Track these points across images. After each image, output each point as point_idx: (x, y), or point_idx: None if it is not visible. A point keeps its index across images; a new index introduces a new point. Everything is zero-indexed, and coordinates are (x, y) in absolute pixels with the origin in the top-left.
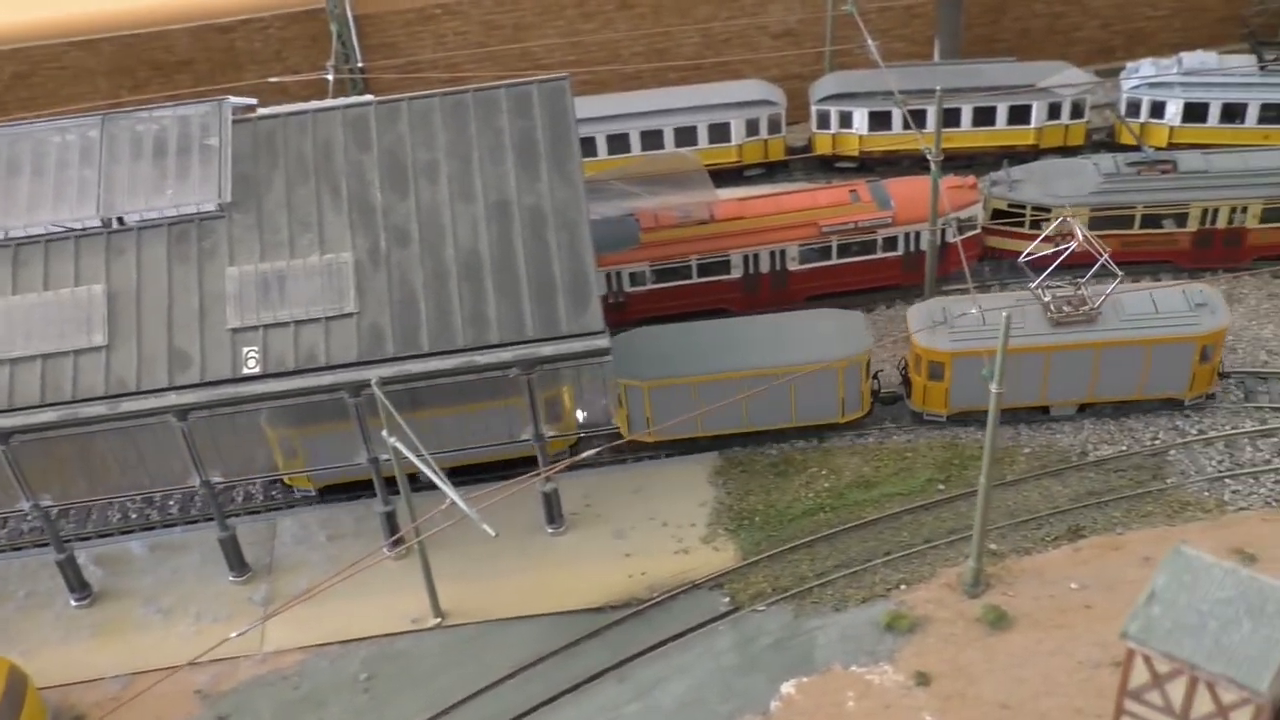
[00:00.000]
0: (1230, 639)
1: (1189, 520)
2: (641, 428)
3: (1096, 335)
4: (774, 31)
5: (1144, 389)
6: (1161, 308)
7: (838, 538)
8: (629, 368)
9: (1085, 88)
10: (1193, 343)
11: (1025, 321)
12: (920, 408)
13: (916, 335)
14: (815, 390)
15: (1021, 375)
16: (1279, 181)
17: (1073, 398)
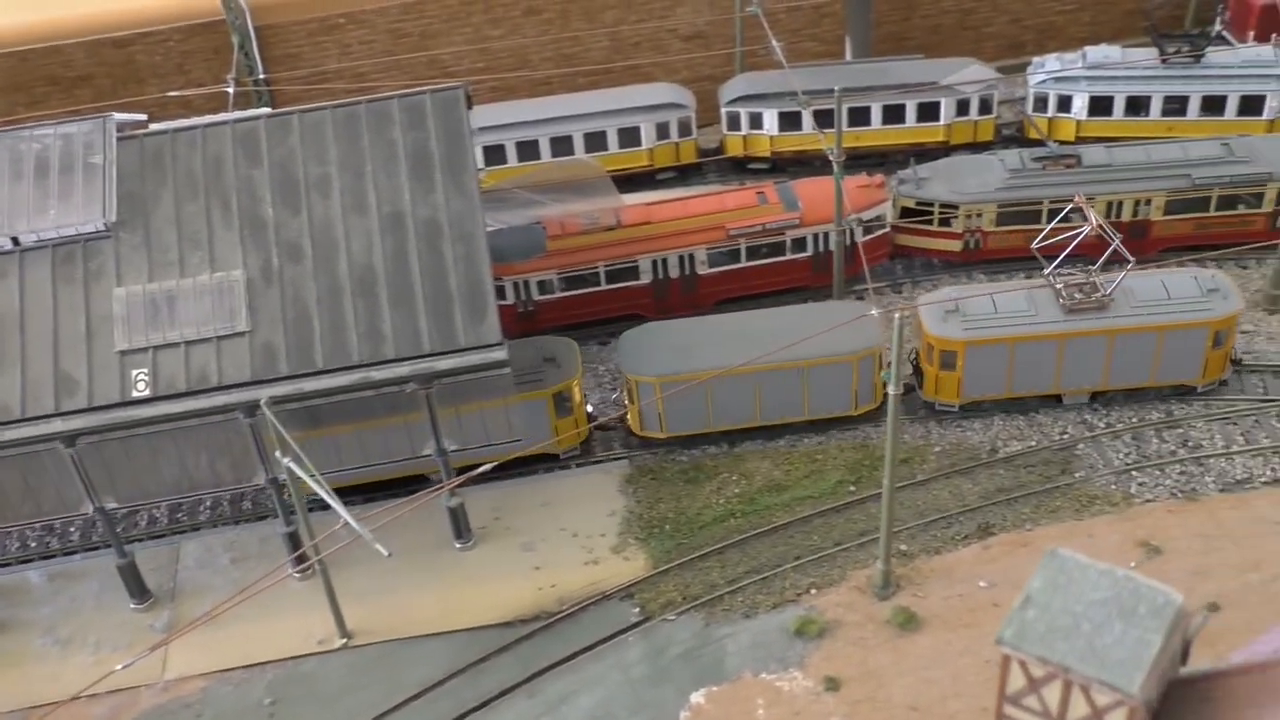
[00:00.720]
0: (1103, 641)
1: (1096, 514)
2: (654, 424)
3: (1109, 322)
4: (683, 34)
5: (1157, 375)
6: (1173, 293)
7: (749, 543)
8: (639, 363)
9: (987, 84)
10: (1205, 328)
11: (1038, 309)
12: (932, 398)
13: (927, 325)
14: (828, 383)
15: (1035, 363)
16: (1180, 174)
17: (1086, 385)
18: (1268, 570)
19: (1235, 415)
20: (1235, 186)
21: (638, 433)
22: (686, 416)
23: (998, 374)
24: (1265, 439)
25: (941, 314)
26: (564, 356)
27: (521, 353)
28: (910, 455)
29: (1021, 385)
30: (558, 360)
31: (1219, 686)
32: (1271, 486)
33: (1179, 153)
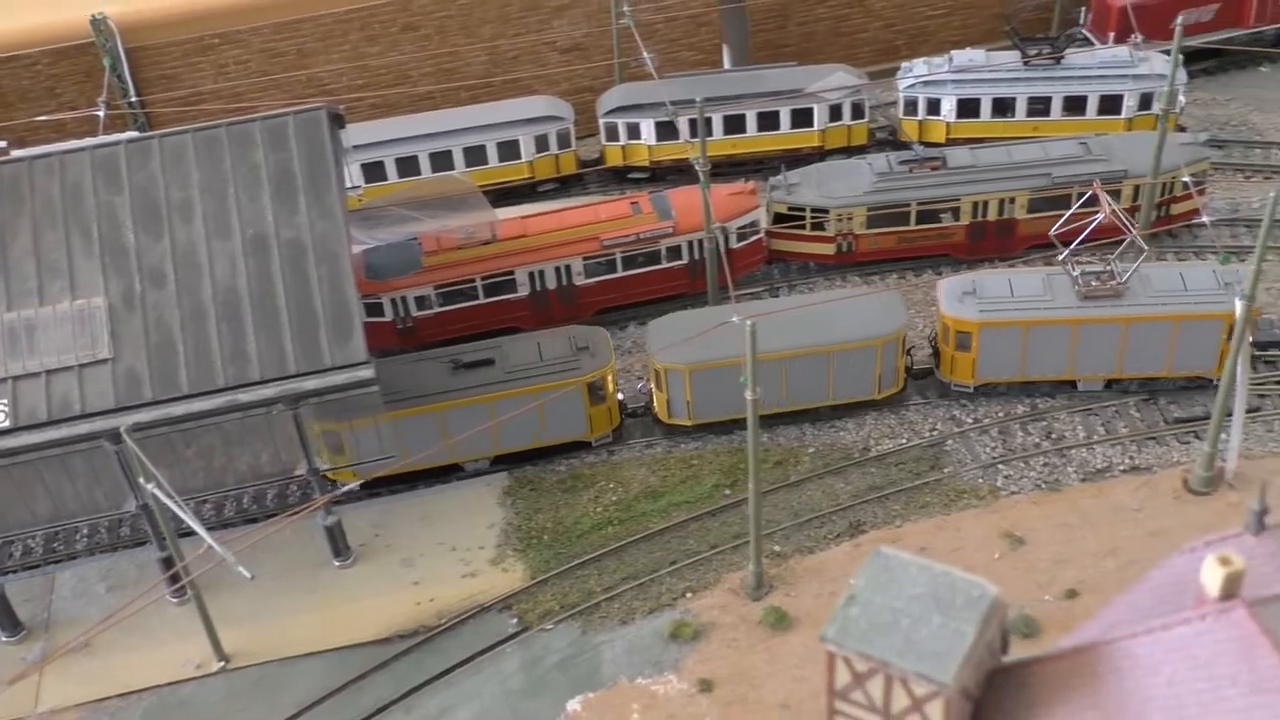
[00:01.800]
0: (920, 634)
1: (964, 508)
2: (681, 412)
3: (1124, 310)
4: (561, 47)
5: (1172, 366)
6: (1190, 285)
7: (625, 550)
8: (668, 351)
9: (851, 90)
10: (1221, 320)
11: (1054, 295)
12: (948, 378)
13: (944, 305)
14: (854, 368)
15: (1049, 348)
16: (1041, 173)
17: (1100, 372)
18: (1123, 556)
19: (1097, 406)
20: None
21: (665, 420)
22: (714, 404)
23: (1012, 357)
24: (1124, 428)
25: (959, 295)
26: (597, 345)
27: (554, 341)
28: (785, 457)
29: (1035, 369)
30: (591, 349)
31: (1036, 673)
32: (1129, 474)
33: (1039, 153)
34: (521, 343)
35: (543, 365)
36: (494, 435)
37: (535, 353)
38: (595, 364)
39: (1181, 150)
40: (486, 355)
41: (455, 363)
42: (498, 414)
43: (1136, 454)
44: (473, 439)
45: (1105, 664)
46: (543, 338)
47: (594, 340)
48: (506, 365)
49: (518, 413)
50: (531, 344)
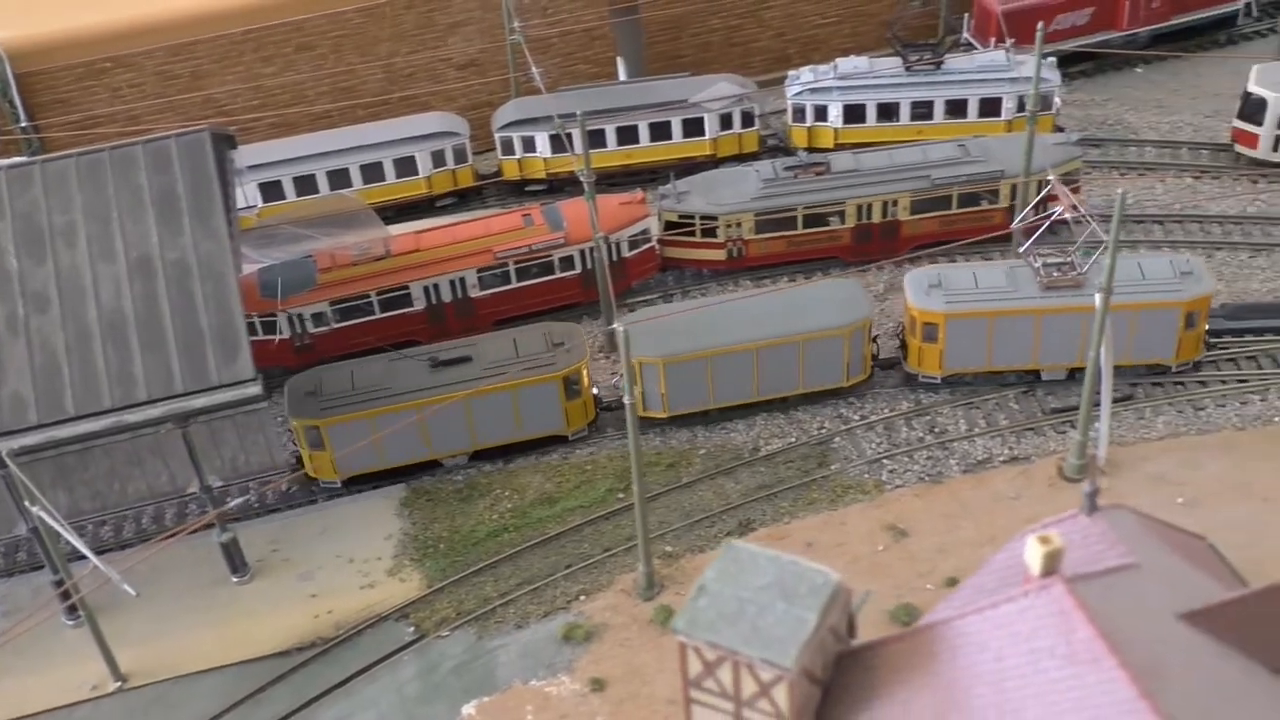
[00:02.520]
0: (765, 622)
1: (850, 503)
2: (656, 404)
3: (1085, 299)
4: (458, 63)
5: (1132, 354)
6: (1148, 274)
7: (521, 556)
8: (643, 346)
9: (734, 99)
10: (1178, 308)
11: (1017, 286)
12: (916, 369)
13: (911, 297)
14: (822, 356)
15: (1014, 338)
16: (922, 176)
17: (1063, 361)
18: (1001, 543)
19: (978, 400)
20: (972, 185)
21: (640, 414)
22: (688, 395)
23: (978, 347)
24: (1004, 420)
25: (925, 287)
26: (571, 341)
27: (530, 338)
28: (677, 459)
29: (1001, 359)
30: (566, 345)
31: (879, 654)
32: (1008, 464)
33: (920, 155)
34: (498, 340)
35: (519, 361)
36: (471, 431)
37: (511, 349)
38: (570, 359)
39: (1055, 150)
40: (463, 353)
41: (433, 360)
42: (475, 410)
43: (1015, 445)
44: (451, 435)
45: (940, 643)
46: (518, 334)
47: (569, 336)
48: (483, 362)
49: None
50: (507, 341)
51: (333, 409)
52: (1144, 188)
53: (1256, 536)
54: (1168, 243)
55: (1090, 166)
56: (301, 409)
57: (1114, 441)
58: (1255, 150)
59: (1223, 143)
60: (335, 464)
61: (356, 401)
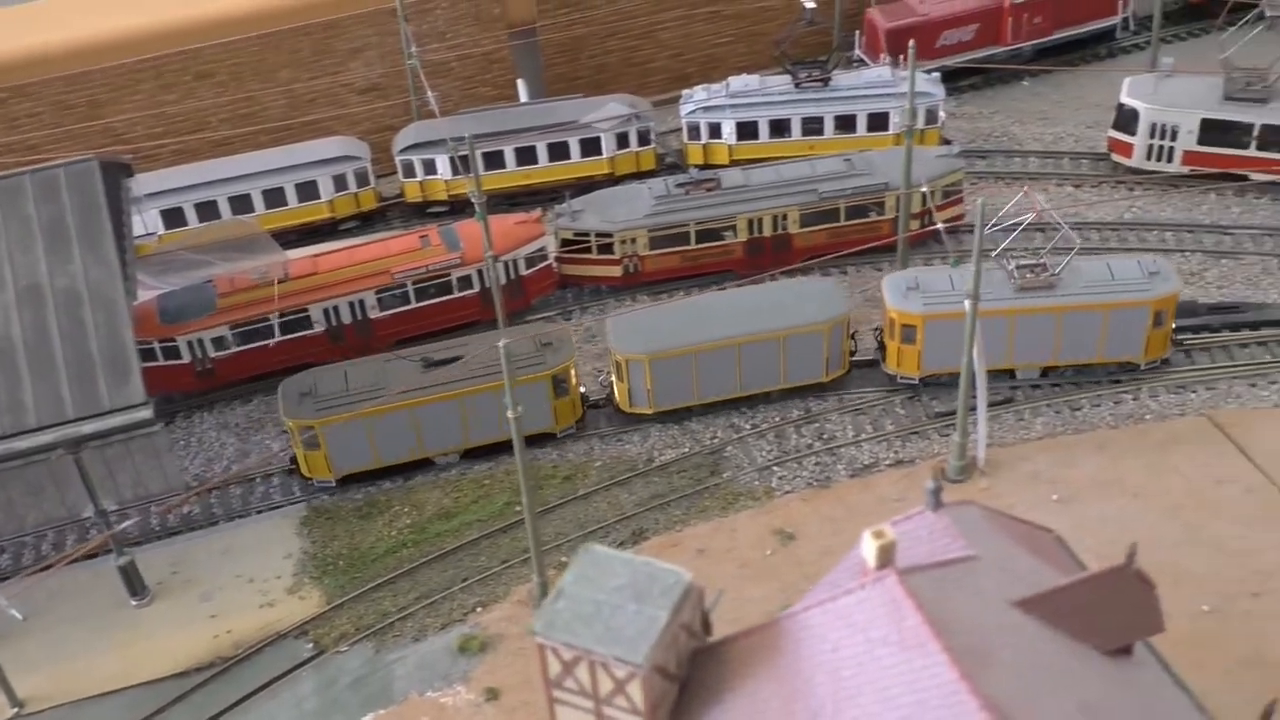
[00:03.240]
0: (618, 621)
1: (740, 509)
2: (642, 400)
3: (1057, 300)
4: (359, 88)
5: (1102, 352)
6: (1117, 275)
7: (419, 570)
8: (629, 343)
9: (621, 120)
10: (1146, 307)
11: (992, 288)
12: (894, 370)
13: (889, 300)
14: (803, 352)
15: (990, 339)
16: (810, 190)
17: (1037, 360)
18: None
19: (865, 406)
20: (857, 197)
21: (626, 409)
22: (673, 391)
23: (955, 348)
24: (890, 425)
25: (903, 290)
26: (559, 341)
27: (519, 340)
28: (573, 472)
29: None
30: (554, 345)
31: (731, 649)
32: (894, 468)
33: (807, 170)
34: (487, 341)
35: (509, 360)
36: (463, 429)
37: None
38: (558, 359)
39: (938, 162)
40: (455, 353)
41: (426, 360)
42: (467, 409)
43: (901, 448)
44: (443, 434)
45: (785, 636)
46: (508, 335)
47: (557, 337)
48: (475, 362)
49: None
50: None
51: (328, 409)
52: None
53: (1125, 531)
54: (1047, 250)
55: (977, 177)
56: (297, 410)
57: (994, 443)
58: (1130, 159)
59: (1101, 152)
60: (330, 463)
61: (351, 401)
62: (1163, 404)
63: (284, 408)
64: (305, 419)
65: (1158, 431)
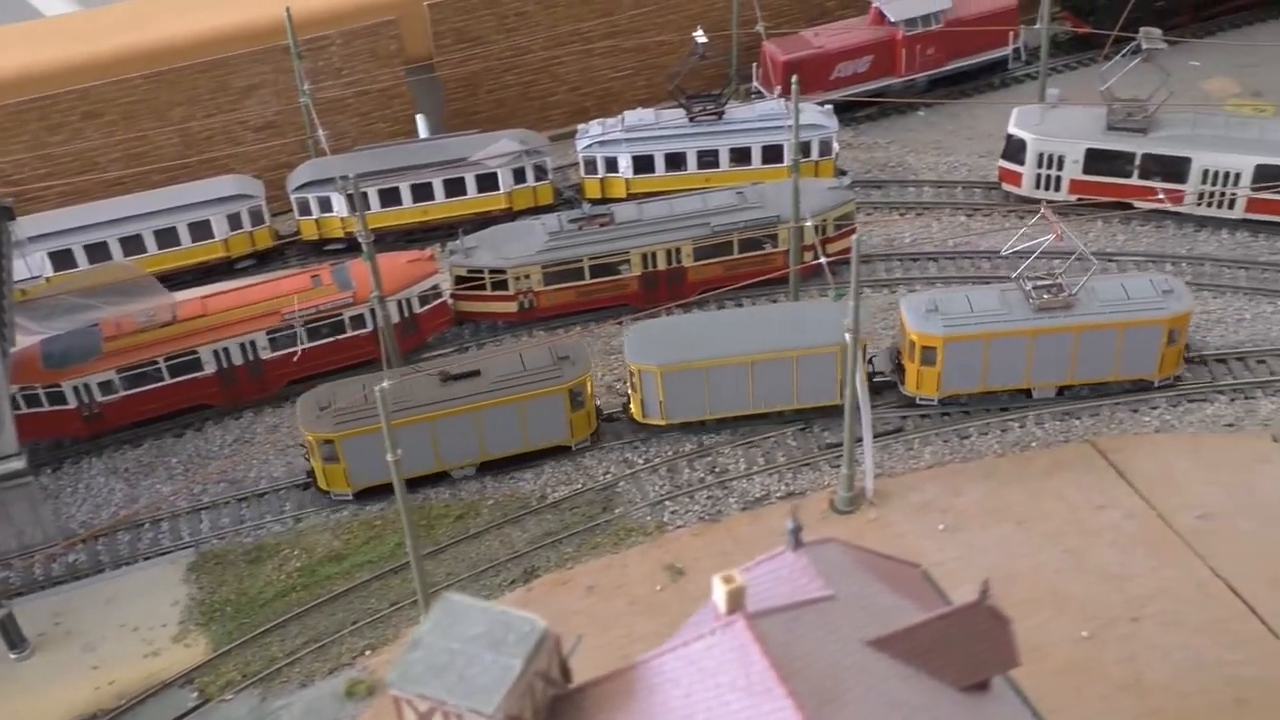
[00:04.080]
0: (472, 671)
1: (632, 545)
2: (655, 412)
3: (1075, 319)
4: (255, 125)
5: (1119, 371)
6: (1132, 294)
7: (308, 614)
8: (643, 353)
9: (511, 156)
10: (1161, 325)
11: (1010, 308)
12: (914, 392)
13: (909, 322)
14: (817, 372)
15: (1009, 359)
16: (701, 223)
17: (1053, 380)
18: None
19: (758, 438)
20: (749, 230)
21: (640, 420)
22: (685, 404)
23: (974, 369)
24: (782, 457)
25: (922, 312)
26: (576, 355)
27: (536, 352)
28: (465, 510)
29: (996, 380)
30: (571, 358)
31: (589, 696)
32: (785, 500)
33: (700, 204)
34: (505, 355)
35: (526, 374)
36: (480, 442)
37: (519, 363)
38: (575, 372)
39: (829, 194)
40: (473, 368)
41: (444, 375)
42: (484, 422)
43: (792, 481)
44: (460, 447)
45: (641, 682)
46: (525, 350)
47: (573, 350)
48: (492, 375)
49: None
50: (514, 356)
51: (347, 422)
52: (921, 227)
53: (1008, 558)
54: (941, 279)
55: (872, 207)
56: (315, 423)
57: (884, 473)
58: (1019, 188)
59: (993, 181)
60: (348, 477)
61: (370, 415)
62: (1048, 431)
63: (302, 421)
64: (324, 432)
65: (1043, 458)
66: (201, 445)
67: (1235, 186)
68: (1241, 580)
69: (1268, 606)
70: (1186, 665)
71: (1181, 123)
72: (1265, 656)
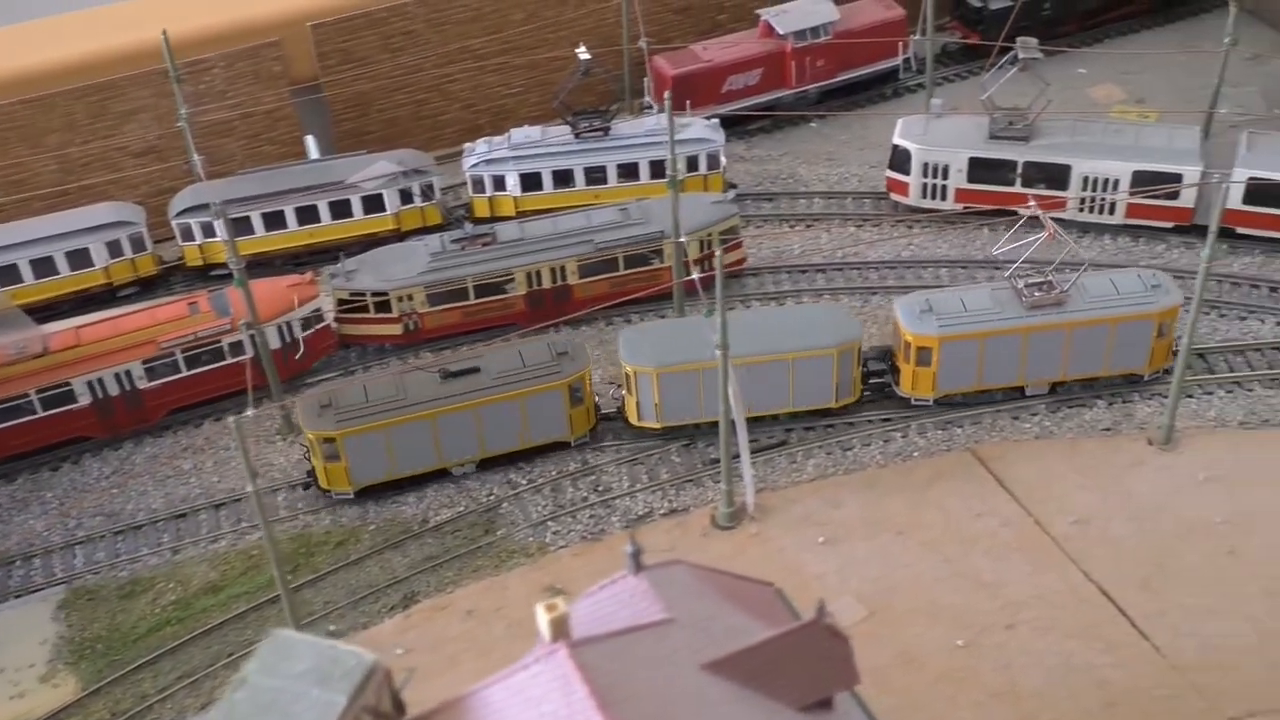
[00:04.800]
0: (296, 708)
1: (513, 567)
2: (650, 414)
3: (1067, 316)
4: (136, 150)
5: (1109, 365)
6: (1121, 289)
7: (183, 649)
8: (638, 355)
9: (387, 179)
10: (1151, 319)
11: (1002, 307)
12: (909, 393)
13: (904, 323)
14: (813, 375)
15: (1003, 357)
16: (585, 240)
17: (1047, 376)
18: None
19: (643, 455)
20: (633, 246)
21: (634, 423)
22: (680, 406)
23: (969, 368)
24: (666, 474)
25: (917, 313)
26: (575, 351)
27: (535, 349)
28: (346, 537)
29: (990, 378)
30: (570, 354)
31: None
32: (668, 517)
33: (583, 221)
34: (504, 351)
35: (525, 370)
36: (480, 439)
37: (518, 359)
38: (574, 367)
39: (714, 209)
40: (473, 364)
41: (444, 372)
42: (484, 419)
43: (675, 497)
44: (460, 443)
45: (469, 713)
46: (524, 346)
47: (572, 346)
48: (492, 372)
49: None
50: (513, 352)
51: (348, 420)
52: (810, 238)
53: (887, 568)
54: (829, 290)
55: (763, 220)
56: (317, 422)
57: (767, 486)
58: (907, 198)
59: (883, 191)
60: (350, 475)
61: (371, 413)
62: (930, 440)
63: (304, 420)
64: (326, 431)
65: (923, 468)
66: (78, 478)
67: (1114, 191)
68: (1114, 583)
69: (1138, 609)
70: (1059, 670)
71: (1061, 130)
72: (1135, 659)
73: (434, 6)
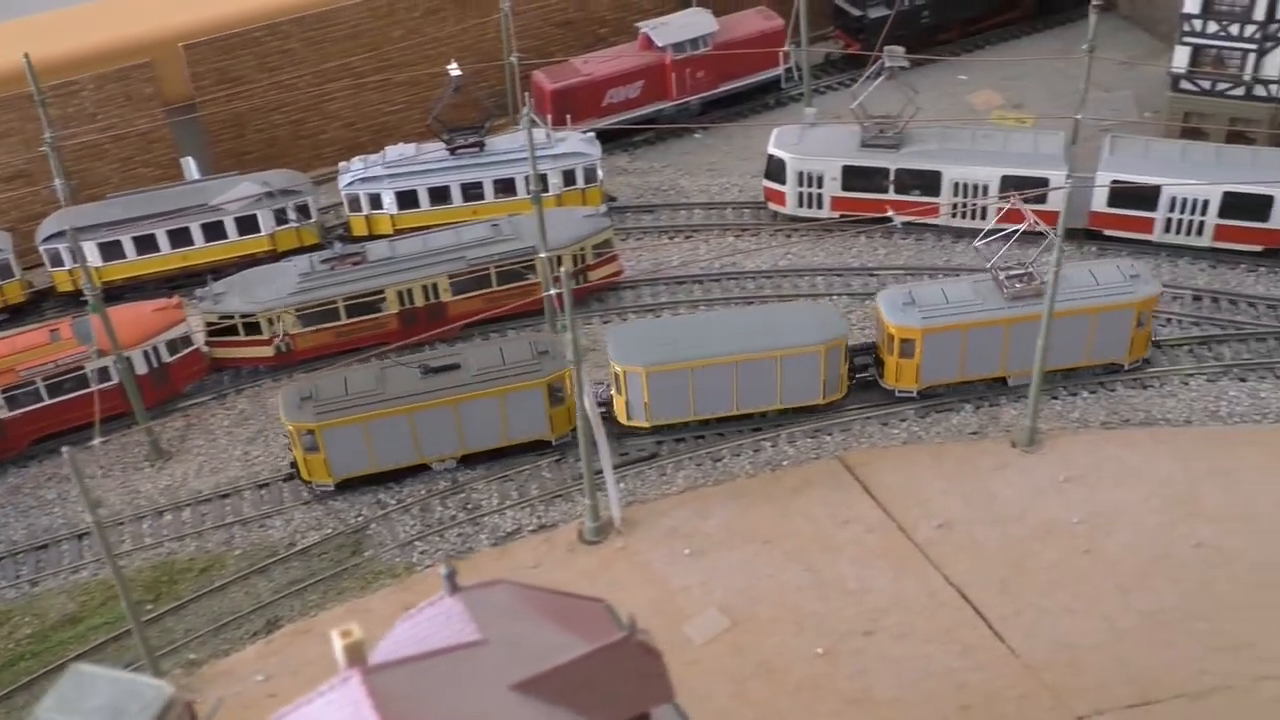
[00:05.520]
0: None
1: (379, 589)
2: (639, 413)
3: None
4: (3, 175)
5: (1090, 355)
6: (1101, 280)
7: (37, 684)
8: (627, 354)
9: (250, 200)
10: (1130, 309)
11: (984, 299)
12: (893, 385)
13: (887, 315)
14: (800, 373)
15: (985, 348)
16: (456, 257)
17: (1028, 366)
18: None
19: (512, 471)
20: (504, 262)
21: (624, 423)
22: (670, 405)
23: (952, 359)
24: (535, 490)
25: (899, 305)
26: (555, 349)
27: (516, 346)
28: (210, 563)
29: (973, 369)
30: (550, 352)
31: None
32: (536, 533)
33: (453, 238)
34: (485, 348)
35: (505, 368)
36: (459, 435)
37: (498, 357)
38: (555, 366)
39: (586, 223)
40: (453, 360)
41: (424, 367)
42: (463, 415)
43: (544, 513)
44: (439, 439)
45: None
46: (504, 343)
47: (553, 345)
48: (472, 369)
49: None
50: (494, 349)
51: (328, 413)
52: (689, 249)
53: (752, 579)
54: (705, 301)
55: (642, 232)
56: (297, 413)
57: (636, 499)
58: (784, 207)
59: (762, 202)
60: (329, 466)
61: (351, 406)
62: (799, 449)
63: (284, 411)
64: (305, 422)
65: (792, 477)
66: None
67: (983, 197)
68: (974, 587)
69: (995, 611)
70: (915, 675)
71: (931, 137)
72: (991, 662)
73: (311, 25)
